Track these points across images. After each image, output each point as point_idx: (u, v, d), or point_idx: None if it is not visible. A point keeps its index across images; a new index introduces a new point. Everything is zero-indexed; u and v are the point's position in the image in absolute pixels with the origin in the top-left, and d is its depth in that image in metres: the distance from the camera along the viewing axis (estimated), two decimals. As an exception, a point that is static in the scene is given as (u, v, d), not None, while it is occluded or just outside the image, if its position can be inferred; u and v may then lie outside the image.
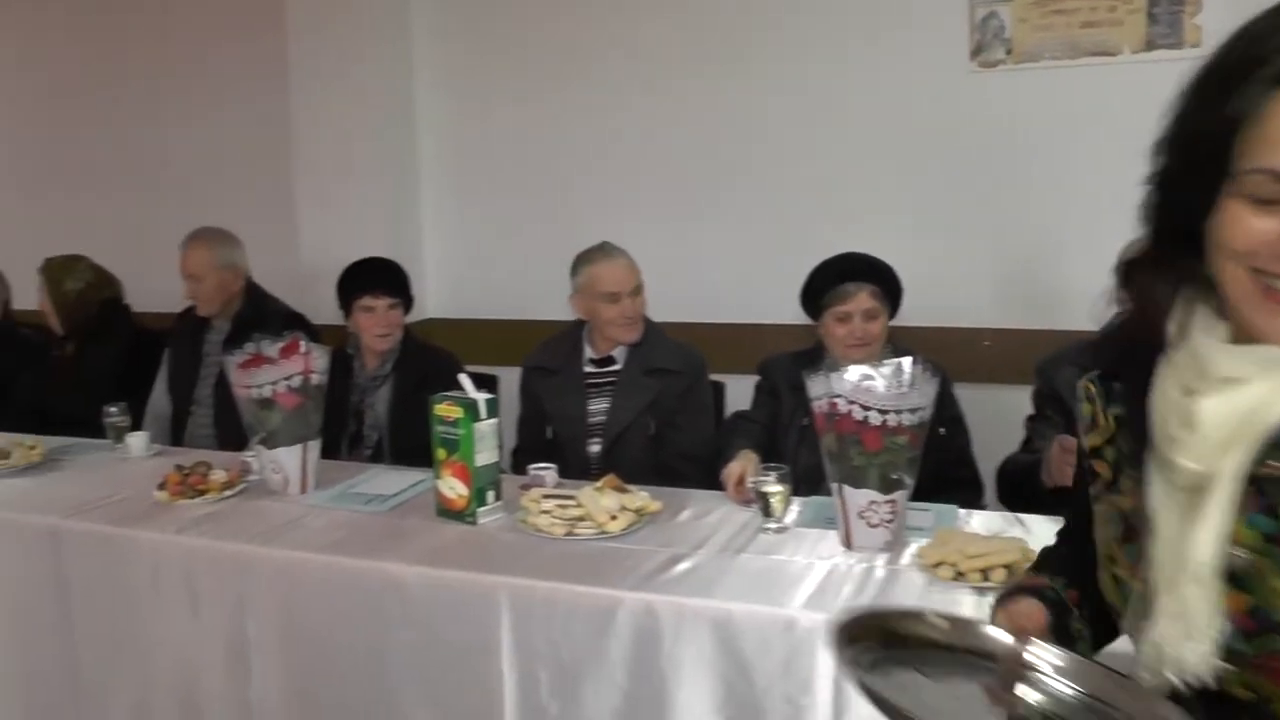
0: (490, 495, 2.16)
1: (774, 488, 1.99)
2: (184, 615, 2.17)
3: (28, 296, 3.83)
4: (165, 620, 2.20)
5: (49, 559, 2.31)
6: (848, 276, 2.56)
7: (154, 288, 3.70)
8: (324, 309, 3.38)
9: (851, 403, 1.78)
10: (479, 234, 3.94)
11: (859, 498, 1.83)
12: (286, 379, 2.29)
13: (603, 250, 2.84)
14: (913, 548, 1.87)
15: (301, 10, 3.85)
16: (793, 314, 2.78)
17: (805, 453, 2.40)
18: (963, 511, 2.11)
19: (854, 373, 1.81)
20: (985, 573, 1.70)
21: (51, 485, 2.60)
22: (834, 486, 1.90)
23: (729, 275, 3.55)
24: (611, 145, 3.68)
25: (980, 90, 3.22)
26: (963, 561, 1.72)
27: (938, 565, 1.74)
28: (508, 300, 3.87)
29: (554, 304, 3.33)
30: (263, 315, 3.25)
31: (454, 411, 2.14)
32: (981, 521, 2.06)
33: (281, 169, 4.02)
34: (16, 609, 2.38)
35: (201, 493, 2.34)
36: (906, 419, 1.78)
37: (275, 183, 4.08)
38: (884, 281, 2.58)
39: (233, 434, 3.00)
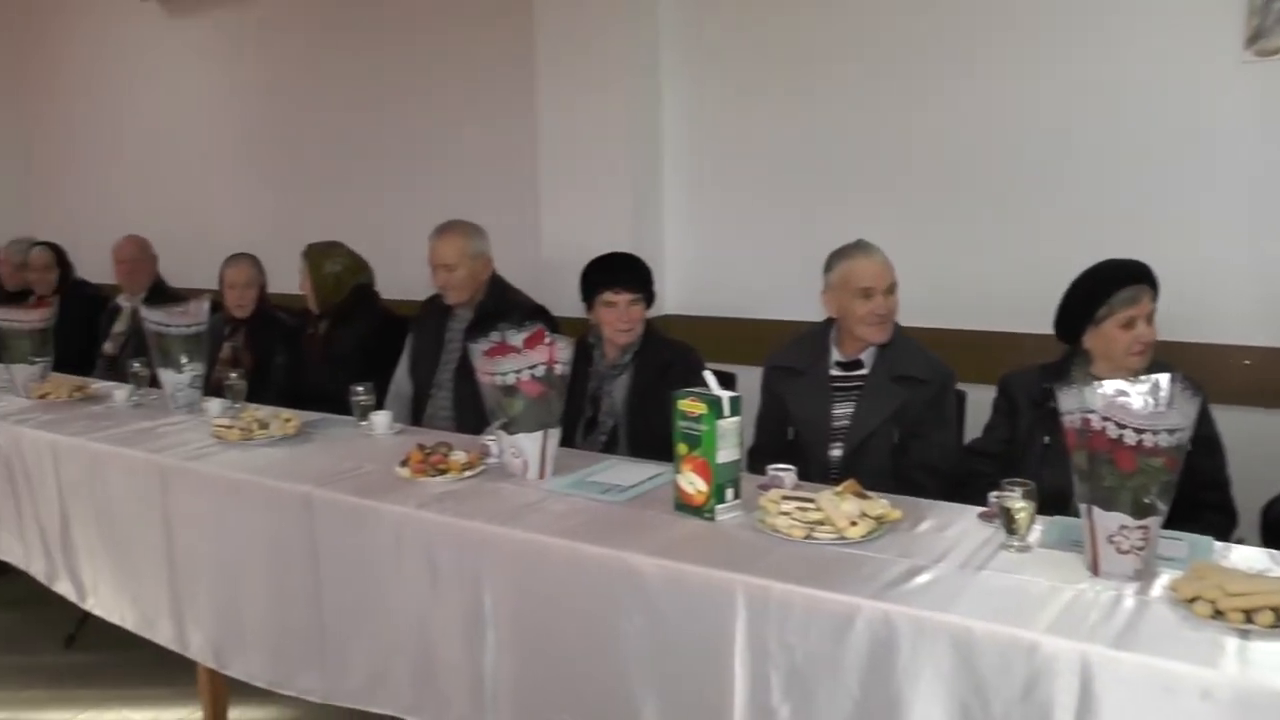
0: (729, 493, 2.43)
1: (1018, 504, 2.15)
2: (423, 586, 2.58)
3: (281, 282, 4.48)
4: (405, 589, 2.62)
5: (302, 523, 2.81)
6: (1135, 279, 2.72)
7: (397, 276, 4.16)
8: (563, 302, 3.81)
9: (1106, 419, 1.91)
10: (719, 231, 4.35)
11: (1109, 521, 1.94)
12: (531, 368, 2.67)
13: (859, 246, 3.15)
14: (1165, 579, 1.98)
15: (550, 8, 4.35)
16: (1037, 323, 2.97)
17: (1049, 472, 2.58)
18: (1219, 544, 2.20)
19: (1109, 387, 1.90)
20: (1249, 614, 1.76)
21: (304, 456, 3.12)
22: (1082, 508, 2.02)
23: (972, 280, 3.79)
24: (855, 144, 4.00)
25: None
26: (1223, 599, 1.79)
27: (1193, 600, 1.82)
28: (745, 299, 4.26)
29: (792, 304, 3.64)
30: (505, 306, 3.76)
31: (698, 408, 2.41)
32: (1242, 558, 2.14)
33: (525, 164, 4.60)
34: (272, 567, 2.91)
35: (442, 472, 2.77)
36: (1164, 440, 1.88)
37: (518, 178, 4.70)
38: (1155, 285, 2.73)
39: (470, 417, 3.48)
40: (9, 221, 7.30)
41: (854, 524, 2.22)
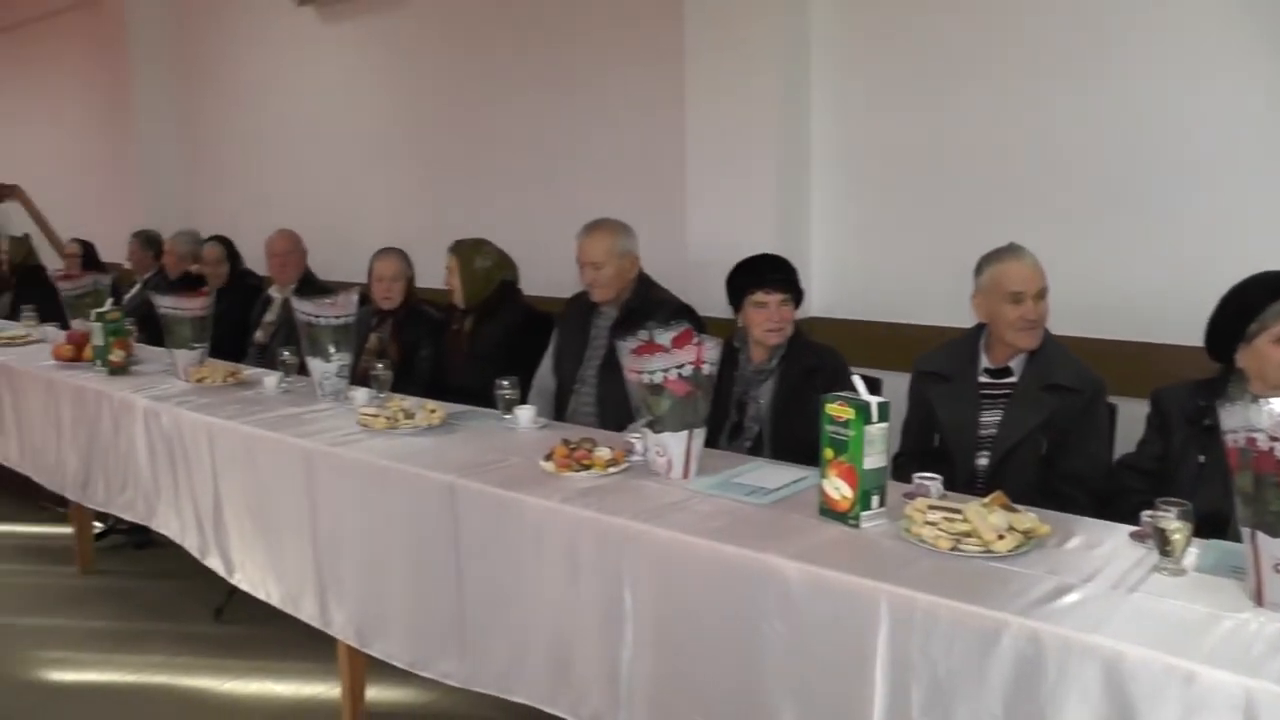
0: (875, 500, 2.41)
1: (1174, 525, 2.07)
2: (563, 579, 2.62)
3: (428, 276, 4.70)
4: (545, 581, 2.66)
5: (446, 512, 2.88)
6: None
7: (541, 273, 4.20)
8: (708, 301, 3.81)
9: (1274, 440, 1.82)
10: (867, 233, 4.28)
11: (1275, 548, 1.85)
12: (678, 367, 2.68)
13: (1010, 249, 3.10)
14: (1337, 614, 1.88)
15: (699, 9, 4.33)
16: (1192, 335, 2.86)
17: (1204, 492, 2.49)
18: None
19: (1278, 406, 1.82)
20: None
21: (449, 446, 3.19)
22: (1245, 532, 1.93)
23: (1124, 288, 3.66)
24: (1007, 147, 3.90)
25: None
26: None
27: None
28: (893, 302, 4.20)
29: (942, 308, 3.57)
30: (651, 304, 3.80)
31: (845, 412, 2.39)
32: None
33: (673, 164, 4.59)
34: (417, 553, 2.99)
35: (586, 467, 2.81)
36: (1340, 464, 1.78)
37: (665, 175, 4.69)
38: None
39: (613, 414, 3.52)
40: (174, 215, 7.69)
41: (1001, 537, 2.18)
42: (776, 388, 3.40)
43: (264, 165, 7.40)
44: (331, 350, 3.80)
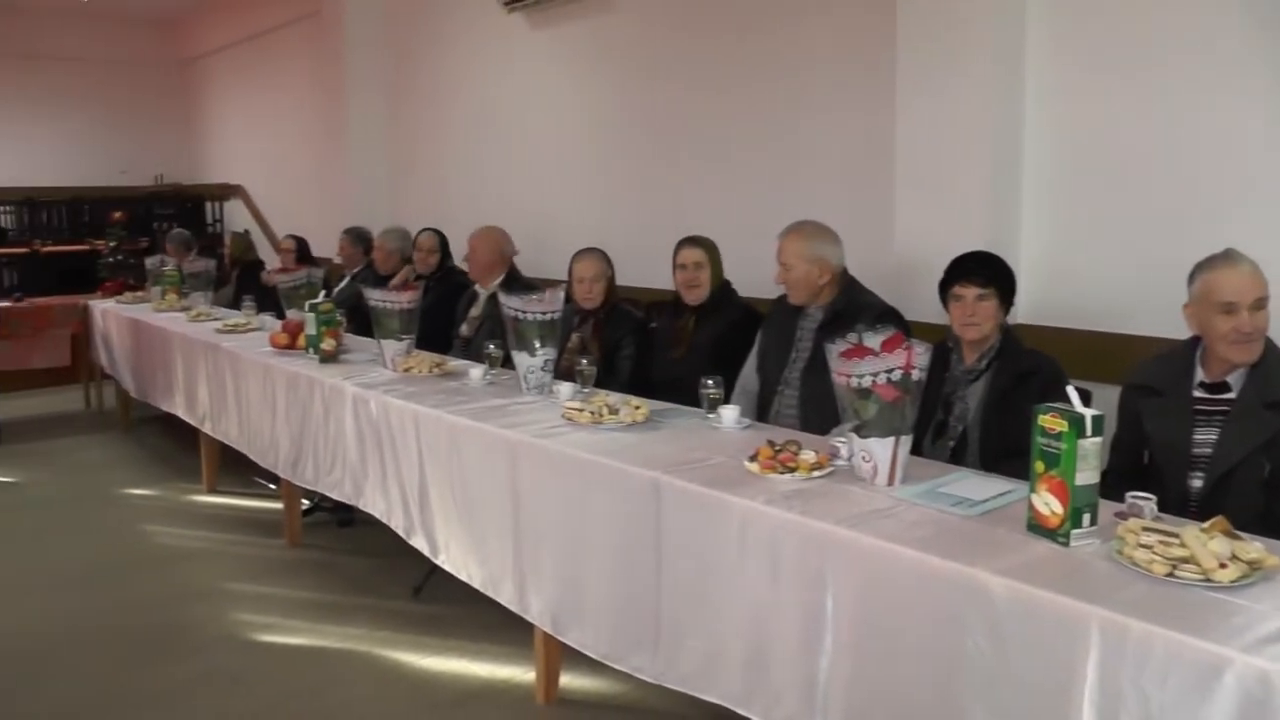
0: (1086, 518, 2.31)
1: None
2: (764, 581, 2.61)
3: (632, 275, 4.77)
4: (745, 582, 2.66)
5: (648, 508, 2.92)
6: None
7: (747, 273, 4.18)
8: (915, 303, 3.76)
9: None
10: (1080, 236, 4.10)
11: None
12: (888, 371, 2.65)
13: (1225, 256, 2.90)
14: None
15: (912, 11, 4.26)
16: None
17: None
18: None
19: None
20: None
21: (653, 443, 3.24)
22: None
23: None
24: (1240, 140, 3.63)
25: None
26: None
27: None
28: (1106, 310, 4.00)
29: (1155, 318, 3.43)
30: (857, 307, 3.77)
31: (1058, 424, 2.30)
32: None
33: (882, 166, 4.52)
34: (617, 546, 3.05)
35: (791, 470, 2.80)
36: None
37: (875, 179, 4.59)
38: None
39: (815, 416, 3.53)
40: (382, 214, 8.03)
41: (1223, 566, 2.05)
42: (986, 390, 3.33)
43: (470, 166, 7.63)
44: (537, 345, 3.88)
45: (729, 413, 3.37)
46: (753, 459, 2.85)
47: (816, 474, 2.76)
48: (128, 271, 9.60)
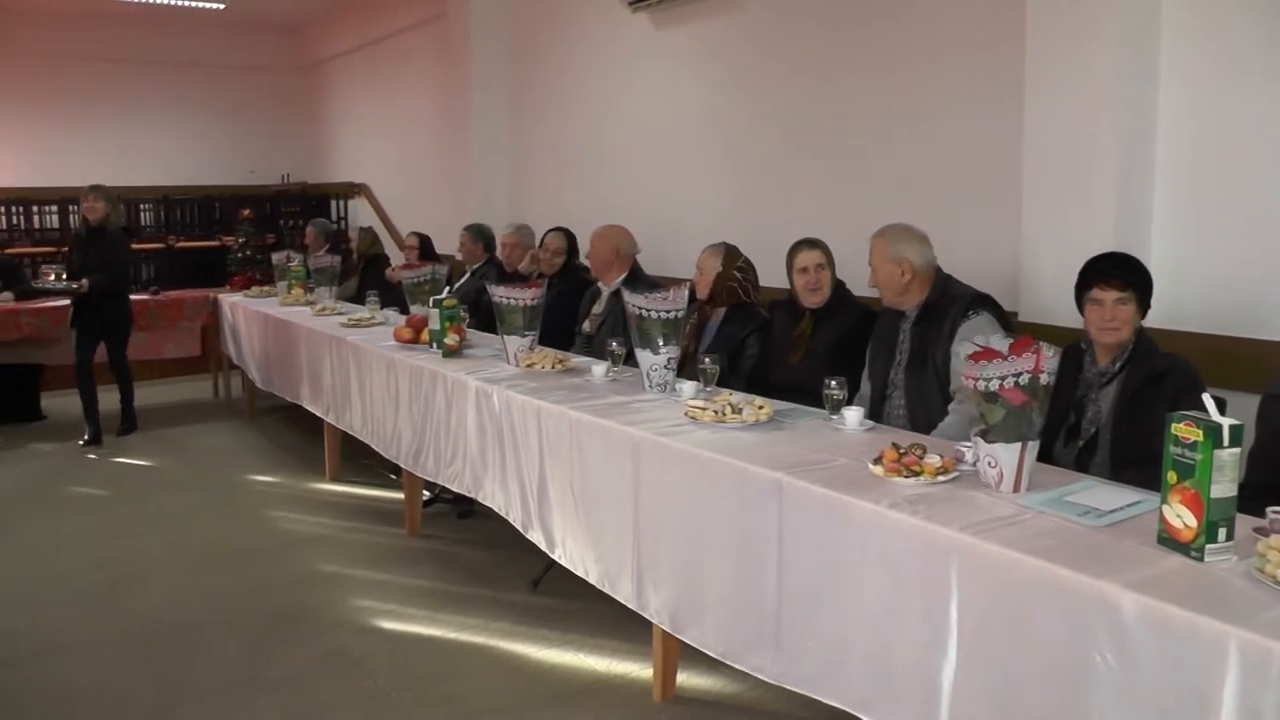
0: (1222, 532, 2.22)
1: None
2: (886, 585, 2.59)
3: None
4: (868, 586, 2.64)
5: (770, 508, 2.91)
6: None
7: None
8: (1039, 304, 3.69)
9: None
10: (1214, 239, 3.95)
11: None
12: (1015, 375, 2.59)
13: None
14: None
15: (1042, 4, 4.17)
16: None
17: None
18: None
19: None
20: None
21: (775, 443, 3.22)
22: None
23: None
24: None
25: None
26: None
27: None
28: (1241, 315, 3.86)
29: None
30: (947, 299, 3.76)
31: (1193, 433, 2.21)
32: None
33: (1007, 163, 4.43)
34: (738, 546, 3.04)
35: (915, 474, 2.77)
36: None
37: (999, 177, 4.47)
38: None
39: (923, 416, 3.52)
40: (504, 212, 8.15)
41: None
42: (1118, 393, 3.24)
43: (592, 165, 7.69)
44: (660, 343, 3.90)
45: (852, 414, 3.35)
46: (876, 461, 2.82)
47: (941, 479, 2.73)
48: (255, 266, 9.96)
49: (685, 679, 3.64)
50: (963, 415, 3.35)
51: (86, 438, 7.41)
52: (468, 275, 7.00)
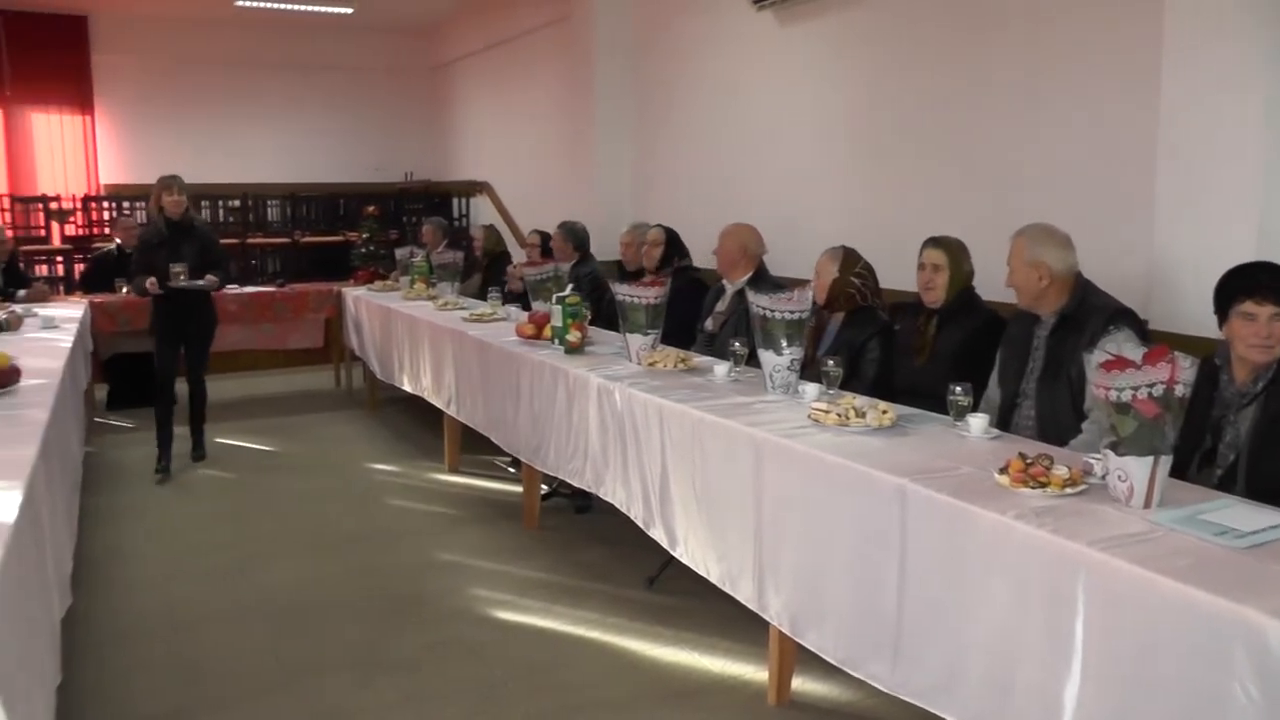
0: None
1: None
2: (1010, 599, 2.54)
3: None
4: (991, 598, 2.59)
5: (893, 514, 2.89)
6: None
7: (997, 279, 4.06)
8: (1173, 314, 3.57)
9: None
10: None
11: None
12: (1149, 385, 2.52)
13: None
14: None
15: (1181, 10, 4.06)
16: None
17: None
18: None
19: None
20: None
21: (899, 449, 3.21)
22: None
23: None
24: None
25: None
26: None
27: None
28: None
29: None
30: (1087, 309, 3.64)
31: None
32: None
33: (1140, 168, 4.34)
34: (859, 551, 3.03)
35: (1043, 485, 2.72)
36: None
37: (1131, 182, 4.38)
38: None
39: (1053, 428, 3.49)
40: (627, 210, 8.22)
41: None
42: (1259, 414, 3.06)
43: (720, 162, 7.68)
44: (784, 344, 3.89)
45: (977, 421, 3.31)
46: (1002, 471, 2.78)
47: (1069, 491, 2.67)
48: (378, 261, 10.21)
49: (800, 684, 3.63)
50: (1097, 432, 3.24)
51: (160, 467, 6.56)
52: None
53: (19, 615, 2.41)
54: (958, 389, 3.39)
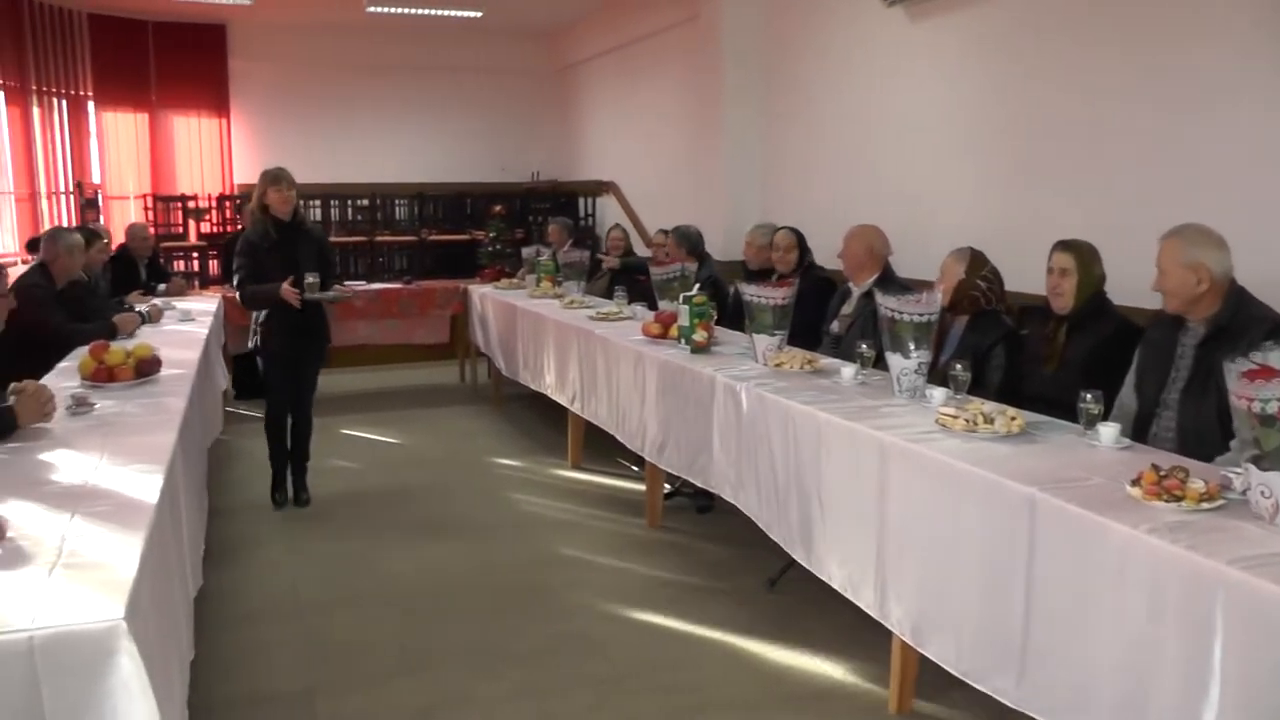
0: None
1: None
2: (1142, 617, 2.46)
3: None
4: (1122, 616, 2.52)
5: (1021, 525, 2.84)
6: None
7: (1135, 283, 3.96)
8: None
9: None
10: None
11: None
12: None
13: None
14: None
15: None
16: None
17: None
18: None
19: None
20: None
21: (1027, 457, 3.15)
22: None
23: None
24: None
25: None
26: None
27: None
28: None
29: None
30: (1243, 320, 3.48)
31: None
32: None
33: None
34: (985, 561, 2.99)
35: (1177, 498, 2.64)
36: None
37: (1274, 186, 4.15)
38: None
39: (1194, 442, 3.37)
40: (754, 210, 8.22)
41: None
42: None
43: (846, 162, 7.63)
44: (911, 346, 3.87)
45: (1108, 431, 3.22)
46: (1135, 483, 2.71)
47: (1205, 505, 2.59)
48: (504, 260, 10.38)
49: (922, 694, 3.59)
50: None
51: (279, 500, 5.96)
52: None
53: (159, 590, 2.54)
54: (1088, 396, 3.31)
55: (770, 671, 3.89)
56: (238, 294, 5.81)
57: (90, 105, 11.68)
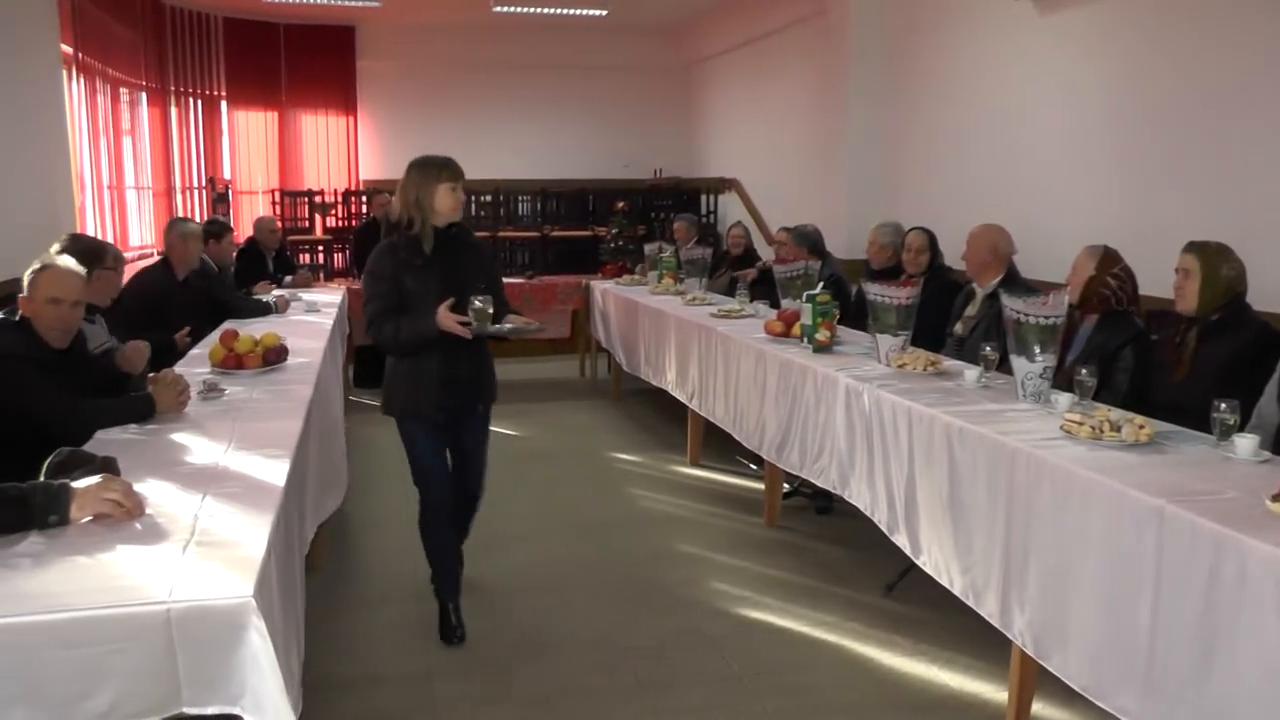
0: None
1: None
2: (1277, 638, 2.35)
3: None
4: (1259, 639, 2.41)
5: (1149, 537, 2.75)
6: None
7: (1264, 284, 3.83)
8: None
9: None
10: None
11: None
12: None
13: None
14: None
15: None
16: None
17: None
18: None
19: None
20: None
21: (1156, 467, 3.05)
22: None
23: None
24: None
25: None
26: None
27: None
28: None
29: None
30: None
31: None
32: None
33: None
34: (1109, 572, 2.91)
35: None
36: None
37: None
38: None
39: None
40: (878, 207, 8.14)
41: None
42: None
43: (971, 159, 7.53)
44: (1036, 350, 3.79)
45: (1245, 442, 3.09)
46: (1274, 499, 2.60)
47: (1354, 524, 2.50)
48: (626, 256, 10.48)
49: (1040, 708, 3.52)
50: None
51: (452, 635, 4.16)
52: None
53: (283, 571, 2.63)
54: (1223, 406, 3.19)
55: (885, 677, 3.86)
56: (373, 334, 4.07)
57: (223, 104, 12.27)
